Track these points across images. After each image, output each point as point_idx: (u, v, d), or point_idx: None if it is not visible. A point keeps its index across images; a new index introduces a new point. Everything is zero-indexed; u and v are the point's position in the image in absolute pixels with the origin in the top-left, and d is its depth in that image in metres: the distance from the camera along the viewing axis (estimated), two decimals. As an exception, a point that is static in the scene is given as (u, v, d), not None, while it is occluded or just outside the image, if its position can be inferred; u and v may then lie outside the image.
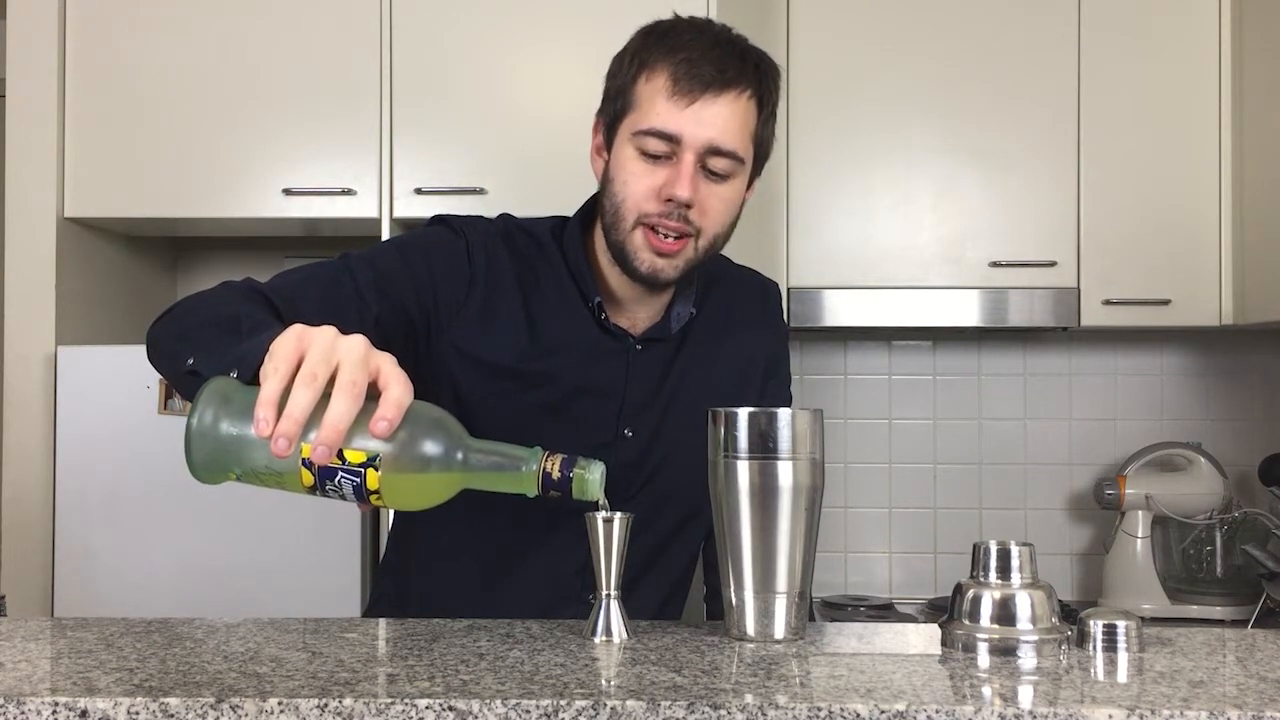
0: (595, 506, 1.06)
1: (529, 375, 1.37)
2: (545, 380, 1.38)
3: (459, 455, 0.99)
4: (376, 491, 0.96)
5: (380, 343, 1.31)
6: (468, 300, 1.36)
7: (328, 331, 0.95)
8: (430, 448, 0.97)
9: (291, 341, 0.95)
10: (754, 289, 1.56)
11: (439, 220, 1.43)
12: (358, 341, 0.95)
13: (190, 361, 1.06)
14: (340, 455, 0.94)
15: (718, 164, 1.30)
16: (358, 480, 0.95)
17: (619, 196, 1.32)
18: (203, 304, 1.19)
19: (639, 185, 1.31)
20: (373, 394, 0.94)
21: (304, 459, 0.94)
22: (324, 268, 1.33)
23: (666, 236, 1.31)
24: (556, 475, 1.02)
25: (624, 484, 1.40)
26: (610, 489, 1.38)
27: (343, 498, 0.97)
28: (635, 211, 1.31)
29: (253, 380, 0.97)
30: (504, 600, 1.39)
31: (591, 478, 1.02)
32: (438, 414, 1.00)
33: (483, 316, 1.36)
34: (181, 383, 1.09)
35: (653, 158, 1.30)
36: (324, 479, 0.96)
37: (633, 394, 1.41)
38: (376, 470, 0.95)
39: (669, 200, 1.29)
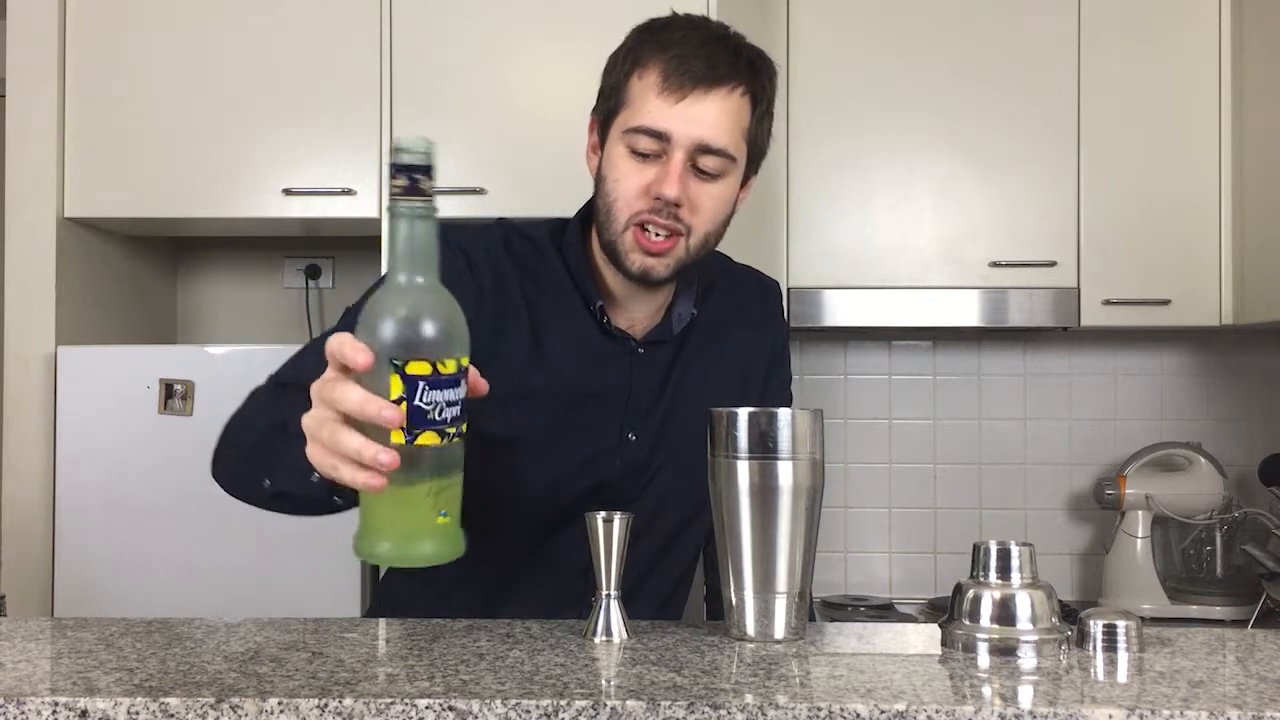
0: None
1: (534, 384, 1.36)
2: (550, 389, 1.36)
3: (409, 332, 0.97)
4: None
5: None
6: (476, 318, 1.35)
7: (313, 391, 0.98)
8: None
9: (313, 418, 0.98)
10: (753, 288, 1.56)
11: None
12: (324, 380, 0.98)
13: (268, 484, 1.10)
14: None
15: (708, 162, 1.29)
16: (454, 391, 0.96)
17: (611, 196, 1.32)
18: (245, 425, 1.20)
19: (629, 184, 1.30)
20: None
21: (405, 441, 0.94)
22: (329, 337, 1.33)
23: (656, 235, 1.30)
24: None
25: (628, 487, 1.40)
26: (615, 493, 1.38)
27: (456, 414, 0.97)
28: (627, 211, 1.30)
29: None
30: (507, 606, 1.39)
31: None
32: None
33: (491, 330, 1.35)
34: (273, 506, 1.13)
35: (643, 156, 1.29)
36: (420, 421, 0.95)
37: (636, 397, 1.41)
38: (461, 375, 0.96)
39: (658, 199, 1.29)
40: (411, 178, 0.98)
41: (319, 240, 2.94)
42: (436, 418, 0.96)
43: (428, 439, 0.96)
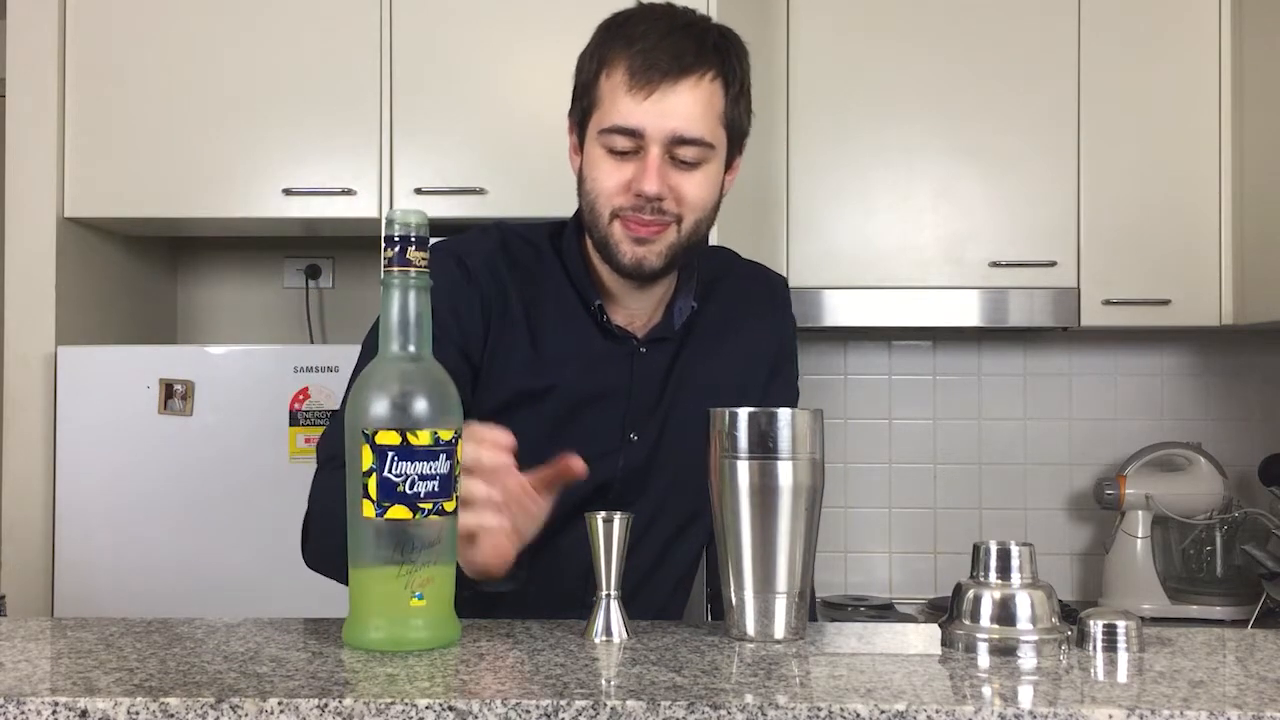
0: None
1: (537, 389, 1.36)
2: (552, 393, 1.36)
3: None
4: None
5: None
6: (486, 329, 1.35)
7: None
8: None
9: None
10: (760, 283, 1.55)
11: (435, 250, 1.41)
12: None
13: None
14: None
15: (686, 153, 1.29)
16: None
17: (592, 195, 1.32)
18: (324, 522, 1.22)
19: (608, 181, 1.30)
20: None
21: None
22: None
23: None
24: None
25: (629, 488, 1.39)
26: (616, 495, 1.38)
27: (432, 490, 0.98)
28: (608, 206, 1.30)
29: None
30: (508, 607, 1.39)
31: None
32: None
33: (494, 337, 1.35)
34: None
35: (620, 154, 1.29)
36: None
37: (638, 397, 1.40)
38: None
39: (639, 195, 1.28)
40: (401, 249, 0.98)
41: (319, 240, 2.94)
42: (407, 490, 0.95)
43: (397, 513, 0.95)
